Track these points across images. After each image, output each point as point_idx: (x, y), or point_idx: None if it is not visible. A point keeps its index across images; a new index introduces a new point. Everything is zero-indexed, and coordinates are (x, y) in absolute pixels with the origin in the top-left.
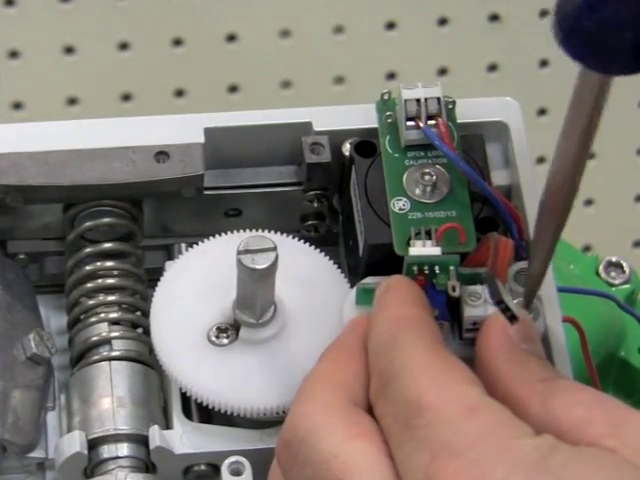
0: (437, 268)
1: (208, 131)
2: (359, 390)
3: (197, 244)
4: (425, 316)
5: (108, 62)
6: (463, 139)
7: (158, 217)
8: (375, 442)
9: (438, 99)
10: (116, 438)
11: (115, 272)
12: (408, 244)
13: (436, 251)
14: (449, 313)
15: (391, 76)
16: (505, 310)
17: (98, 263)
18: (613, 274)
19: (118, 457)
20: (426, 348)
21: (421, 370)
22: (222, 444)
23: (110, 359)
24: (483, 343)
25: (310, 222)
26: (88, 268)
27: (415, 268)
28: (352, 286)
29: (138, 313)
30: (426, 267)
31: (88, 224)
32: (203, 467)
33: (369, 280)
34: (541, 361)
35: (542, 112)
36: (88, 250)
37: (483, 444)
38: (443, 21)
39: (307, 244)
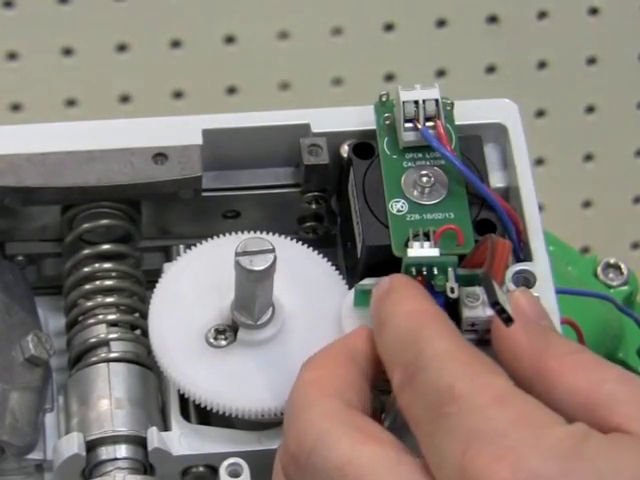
0: (435, 269)
1: (206, 133)
2: (353, 395)
3: (195, 246)
4: (440, 310)
5: (107, 64)
6: (461, 140)
7: (156, 219)
8: (384, 442)
9: (436, 101)
10: (114, 440)
11: (113, 274)
12: (406, 245)
13: (434, 252)
14: (447, 314)
15: (389, 78)
16: (500, 312)
17: (96, 265)
18: (611, 276)
19: (116, 459)
20: (452, 339)
21: (451, 361)
22: (220, 446)
23: (108, 361)
24: (501, 324)
25: (308, 224)
26: (86, 270)
27: (413, 269)
28: (350, 287)
29: (136, 315)
30: (424, 268)
31: (86, 226)
32: (201, 469)
33: (367, 281)
34: (562, 335)
35: (540, 114)
36: (86, 252)
37: (517, 431)
38: (441, 23)
39: (305, 246)
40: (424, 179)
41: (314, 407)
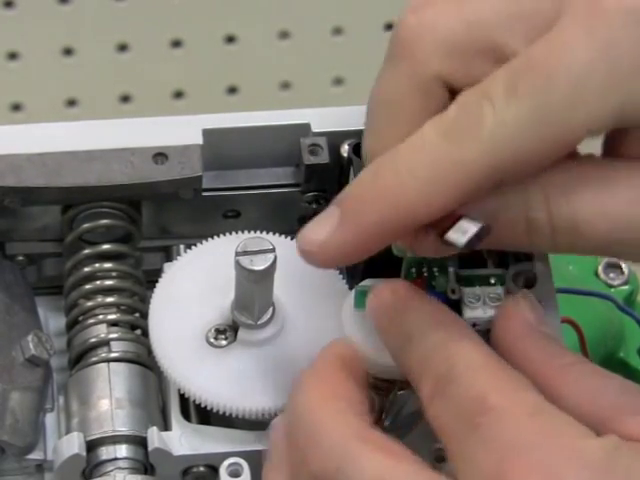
0: (436, 270)
1: (206, 132)
2: (361, 406)
3: (195, 245)
4: (459, 317)
5: (107, 63)
6: None
7: (156, 218)
8: (411, 460)
9: None
10: (114, 439)
11: (113, 273)
12: None
13: None
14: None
15: None
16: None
17: (96, 265)
18: (612, 275)
19: (117, 458)
20: (483, 352)
21: (483, 372)
22: (220, 445)
23: (108, 360)
24: (503, 328)
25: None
26: (86, 270)
27: (414, 270)
28: (350, 288)
29: (137, 314)
30: (425, 269)
31: (86, 226)
32: (202, 468)
33: (367, 283)
34: (562, 345)
35: None
36: (86, 252)
37: (551, 444)
38: None
39: None
40: None
41: (331, 426)
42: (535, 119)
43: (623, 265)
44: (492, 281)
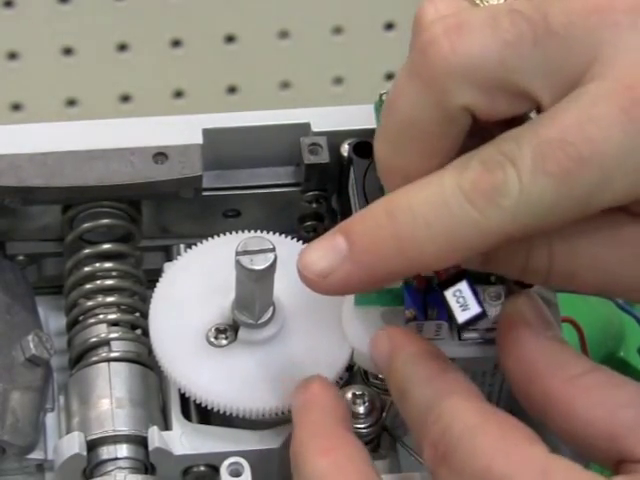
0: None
1: (207, 132)
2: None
3: (196, 245)
4: (454, 366)
5: (107, 63)
6: None
7: (157, 218)
8: None
9: None
10: (115, 439)
11: (114, 273)
12: None
13: None
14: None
15: (389, 77)
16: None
17: (97, 264)
18: None
19: (117, 458)
20: (477, 410)
21: (482, 436)
22: (221, 445)
23: (109, 360)
24: (507, 339)
25: (309, 223)
26: (87, 269)
27: None
28: None
29: (137, 314)
30: None
31: (87, 225)
32: (202, 468)
33: None
34: (571, 350)
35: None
36: (87, 251)
37: None
38: None
39: (306, 245)
40: None
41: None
42: (559, 198)
43: None
44: (492, 280)
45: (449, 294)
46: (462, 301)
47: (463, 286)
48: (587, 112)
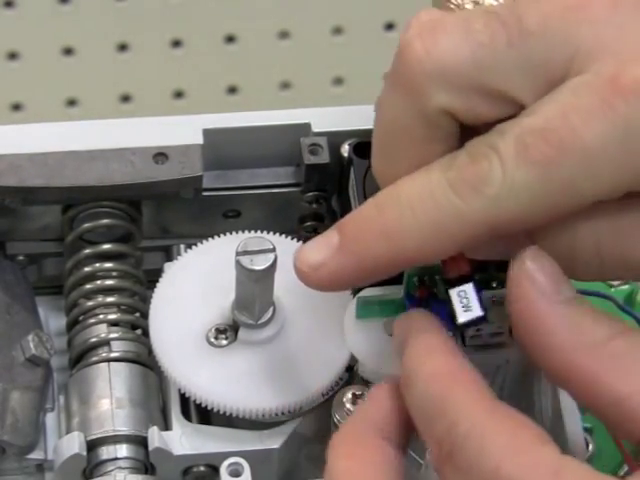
0: (438, 277)
1: (207, 132)
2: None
3: (196, 245)
4: (466, 364)
5: (107, 63)
6: None
7: (157, 218)
8: None
9: None
10: (115, 439)
11: (114, 273)
12: None
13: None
14: (452, 322)
15: None
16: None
17: (97, 264)
18: None
19: (117, 458)
20: (486, 408)
21: (490, 436)
22: (221, 445)
23: (109, 360)
24: (518, 310)
25: (309, 223)
26: (87, 269)
27: (415, 279)
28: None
29: (137, 314)
30: (426, 277)
31: (87, 225)
32: (202, 468)
33: (368, 292)
34: (590, 311)
35: None
36: (87, 251)
37: None
38: None
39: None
40: None
41: None
42: (542, 187)
43: None
44: (494, 285)
45: (454, 293)
46: (465, 302)
47: (469, 288)
48: (569, 103)
